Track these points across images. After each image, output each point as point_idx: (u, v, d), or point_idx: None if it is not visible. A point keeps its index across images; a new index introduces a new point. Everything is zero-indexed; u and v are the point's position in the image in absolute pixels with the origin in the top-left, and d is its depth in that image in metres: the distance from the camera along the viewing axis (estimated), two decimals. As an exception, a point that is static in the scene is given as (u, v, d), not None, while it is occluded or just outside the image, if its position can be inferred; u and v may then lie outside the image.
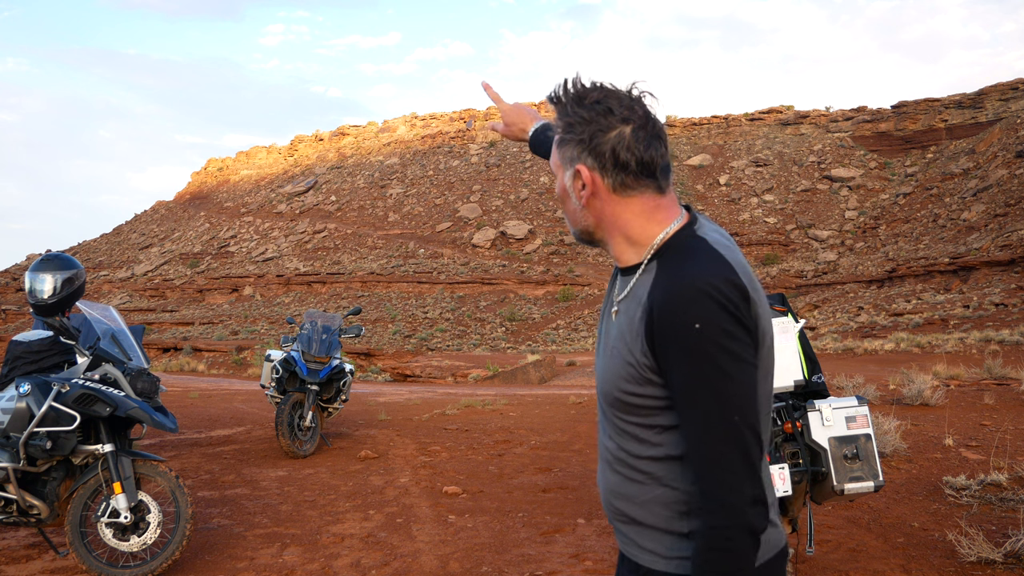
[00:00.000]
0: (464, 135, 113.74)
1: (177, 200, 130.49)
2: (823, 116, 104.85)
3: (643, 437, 1.40)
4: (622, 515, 1.48)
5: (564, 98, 1.42)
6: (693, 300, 1.28)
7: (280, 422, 7.21)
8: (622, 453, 1.44)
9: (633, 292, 1.40)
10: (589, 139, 1.39)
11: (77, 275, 4.33)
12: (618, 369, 1.39)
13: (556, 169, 1.47)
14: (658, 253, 1.40)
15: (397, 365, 24.35)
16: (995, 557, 3.89)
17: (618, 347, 1.39)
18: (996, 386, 10.88)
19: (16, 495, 3.93)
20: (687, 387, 1.29)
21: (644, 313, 1.34)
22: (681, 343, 1.28)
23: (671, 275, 1.33)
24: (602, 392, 1.46)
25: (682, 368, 1.29)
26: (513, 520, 5.22)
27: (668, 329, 1.29)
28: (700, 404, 1.28)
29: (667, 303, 1.30)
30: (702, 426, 1.29)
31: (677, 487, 1.39)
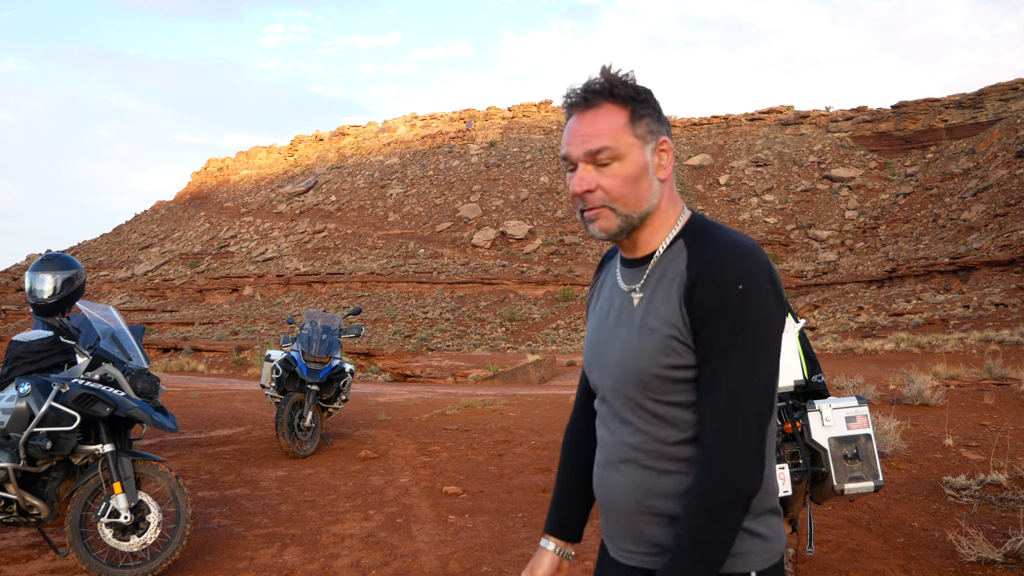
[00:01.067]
0: (464, 135, 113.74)
1: (177, 200, 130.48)
2: (823, 116, 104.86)
3: (680, 418, 1.38)
4: (657, 514, 1.40)
5: (618, 76, 1.41)
6: (735, 263, 1.33)
7: (280, 422, 7.21)
8: (655, 443, 1.40)
9: (659, 272, 1.42)
10: (659, 113, 1.43)
11: (77, 275, 4.33)
12: (657, 345, 1.37)
13: (629, 147, 1.39)
14: (681, 234, 1.44)
15: (397, 365, 24.35)
16: (995, 557, 3.89)
17: (653, 324, 1.38)
18: (996, 386, 10.88)
19: (16, 495, 3.93)
20: (717, 343, 1.32)
21: (684, 283, 1.36)
22: (719, 303, 1.31)
23: (709, 245, 1.37)
24: (632, 377, 1.41)
25: (715, 326, 1.32)
26: (513, 520, 5.22)
27: (710, 291, 1.32)
28: (727, 360, 1.31)
29: (711, 267, 1.33)
30: (725, 381, 1.31)
31: None
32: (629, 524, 1.45)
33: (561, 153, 1.45)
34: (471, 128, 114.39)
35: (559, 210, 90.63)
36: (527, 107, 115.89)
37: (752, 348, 1.32)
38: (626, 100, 1.40)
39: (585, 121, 1.41)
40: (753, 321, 1.32)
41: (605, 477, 1.49)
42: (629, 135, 1.40)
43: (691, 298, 1.34)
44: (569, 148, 1.43)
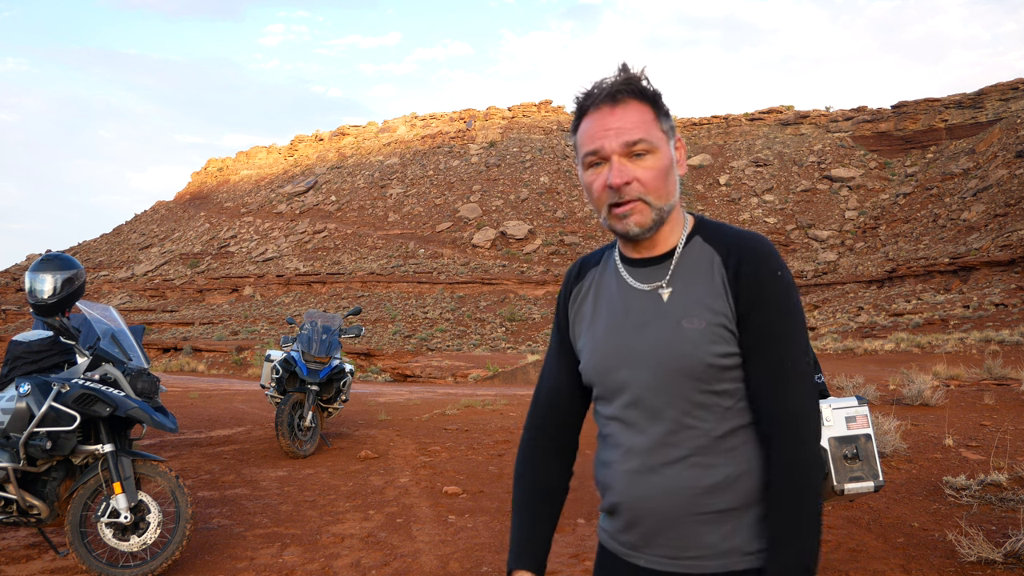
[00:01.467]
0: (464, 135, 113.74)
1: (177, 200, 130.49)
2: (823, 116, 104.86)
3: (729, 406, 1.41)
4: (707, 512, 1.39)
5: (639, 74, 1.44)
6: (768, 253, 1.42)
7: (280, 422, 7.21)
8: (707, 437, 1.40)
9: (687, 266, 1.45)
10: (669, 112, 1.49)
11: (77, 275, 4.33)
12: (706, 335, 1.39)
13: (660, 141, 1.43)
14: (696, 230, 1.49)
15: (397, 365, 24.35)
16: (995, 557, 3.88)
17: (699, 315, 1.40)
18: (996, 386, 10.88)
19: (16, 495, 3.93)
20: (768, 328, 1.39)
21: (724, 273, 1.41)
22: (766, 290, 1.39)
23: (735, 239, 1.45)
24: (679, 370, 1.39)
25: (766, 312, 1.39)
26: (513, 520, 5.21)
27: (756, 279, 1.40)
28: (785, 344, 1.39)
29: (751, 257, 1.41)
30: (780, 364, 1.39)
31: (759, 455, 1.41)
32: (675, 528, 1.41)
33: (588, 149, 1.43)
34: (471, 128, 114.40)
35: (559, 210, 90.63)
36: (527, 107, 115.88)
37: (800, 332, 1.42)
38: (650, 97, 1.44)
39: (616, 116, 1.41)
40: (793, 307, 1.42)
41: (639, 483, 1.43)
42: (658, 129, 1.43)
43: (736, 286, 1.40)
44: (602, 142, 1.41)
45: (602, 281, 1.56)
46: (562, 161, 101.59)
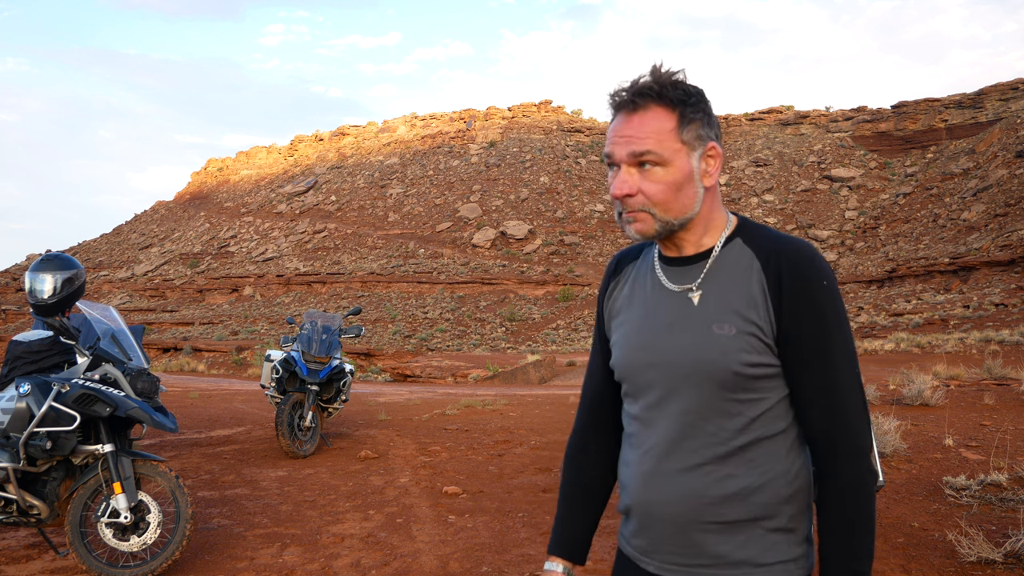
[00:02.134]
0: (464, 135, 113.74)
1: (177, 200, 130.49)
2: (823, 116, 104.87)
3: (753, 416, 1.37)
4: (718, 522, 1.37)
5: (668, 76, 1.37)
6: (812, 261, 1.36)
7: (280, 422, 7.21)
8: (726, 446, 1.37)
9: (721, 270, 1.40)
10: (710, 116, 1.40)
11: (77, 275, 4.33)
12: (735, 343, 1.35)
13: (675, 153, 1.36)
14: (737, 232, 1.44)
15: (397, 365, 24.36)
16: (995, 557, 3.88)
17: (729, 321, 1.36)
18: (996, 386, 10.88)
19: (16, 495, 3.93)
20: (819, 341, 1.34)
21: (764, 280, 1.36)
22: (813, 299, 1.34)
23: (778, 245, 1.38)
24: (705, 377, 1.36)
25: (813, 323, 1.34)
26: (513, 520, 5.22)
27: (801, 288, 1.34)
28: (835, 356, 1.35)
29: (796, 265, 1.35)
30: (834, 377, 1.35)
31: (786, 467, 1.38)
32: (684, 536, 1.39)
33: (604, 152, 1.41)
34: (471, 128, 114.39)
35: (559, 210, 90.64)
36: (527, 107, 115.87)
37: (848, 343, 1.37)
38: (675, 103, 1.36)
39: (632, 122, 1.37)
40: (842, 316, 1.36)
41: (653, 486, 1.42)
42: (676, 140, 1.36)
43: (779, 295, 1.35)
44: (613, 147, 1.38)
45: (639, 277, 1.53)
46: (562, 161, 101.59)
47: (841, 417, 1.35)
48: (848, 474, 1.34)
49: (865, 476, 1.35)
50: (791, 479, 1.38)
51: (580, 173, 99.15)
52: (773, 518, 1.37)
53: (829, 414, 1.35)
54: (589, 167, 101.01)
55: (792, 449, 1.40)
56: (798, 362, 1.35)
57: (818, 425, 1.36)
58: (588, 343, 52.01)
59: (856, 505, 1.34)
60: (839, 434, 1.35)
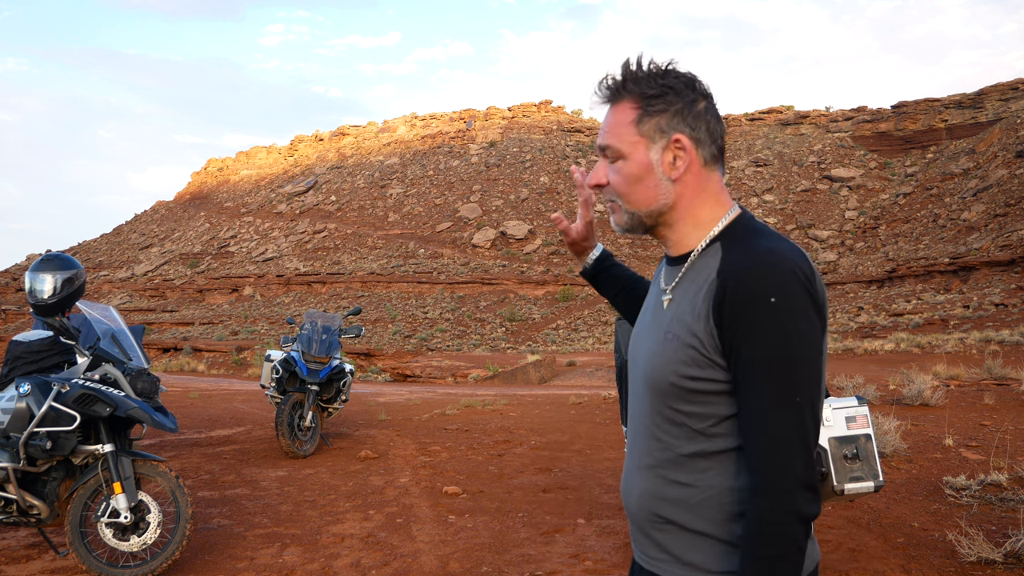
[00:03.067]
0: (464, 135, 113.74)
1: (177, 200, 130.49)
2: (823, 116, 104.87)
3: (699, 429, 1.33)
4: (666, 522, 1.37)
5: (644, 69, 1.37)
6: (769, 273, 1.25)
7: (280, 422, 7.21)
8: (671, 452, 1.36)
9: (691, 275, 1.37)
10: (686, 109, 1.36)
11: (77, 275, 4.33)
12: (677, 353, 1.32)
13: (631, 146, 1.36)
14: (720, 236, 1.37)
15: (397, 365, 24.36)
16: (995, 557, 3.89)
17: (675, 331, 1.33)
18: (996, 386, 10.88)
19: (16, 495, 3.93)
20: (753, 361, 1.25)
21: (712, 291, 1.29)
22: (754, 316, 1.24)
23: (744, 251, 1.30)
24: (651, 383, 1.37)
25: (751, 342, 1.25)
26: (513, 520, 5.22)
27: (741, 302, 1.25)
28: (765, 380, 1.25)
29: (742, 276, 1.26)
30: (764, 403, 1.25)
31: (732, 484, 1.32)
32: (644, 529, 1.43)
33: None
34: (471, 128, 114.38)
35: (559, 210, 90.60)
36: (527, 107, 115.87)
37: (790, 366, 1.24)
38: (637, 96, 1.36)
39: (606, 116, 1.41)
40: (790, 336, 1.24)
41: (627, 478, 1.48)
42: (633, 133, 1.36)
43: (720, 309, 1.27)
44: (597, 140, 1.43)
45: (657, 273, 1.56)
46: (562, 161, 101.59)
47: (762, 447, 1.24)
48: (758, 510, 1.24)
49: (777, 515, 1.22)
50: (740, 499, 1.31)
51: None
52: (721, 531, 1.33)
53: (751, 442, 1.26)
54: (589, 167, 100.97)
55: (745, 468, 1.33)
56: (735, 381, 1.28)
57: (746, 452, 1.28)
58: (588, 343, 52.01)
59: (764, 546, 1.23)
60: (757, 465, 1.25)
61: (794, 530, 1.23)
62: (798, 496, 1.23)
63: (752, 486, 1.26)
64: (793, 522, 1.23)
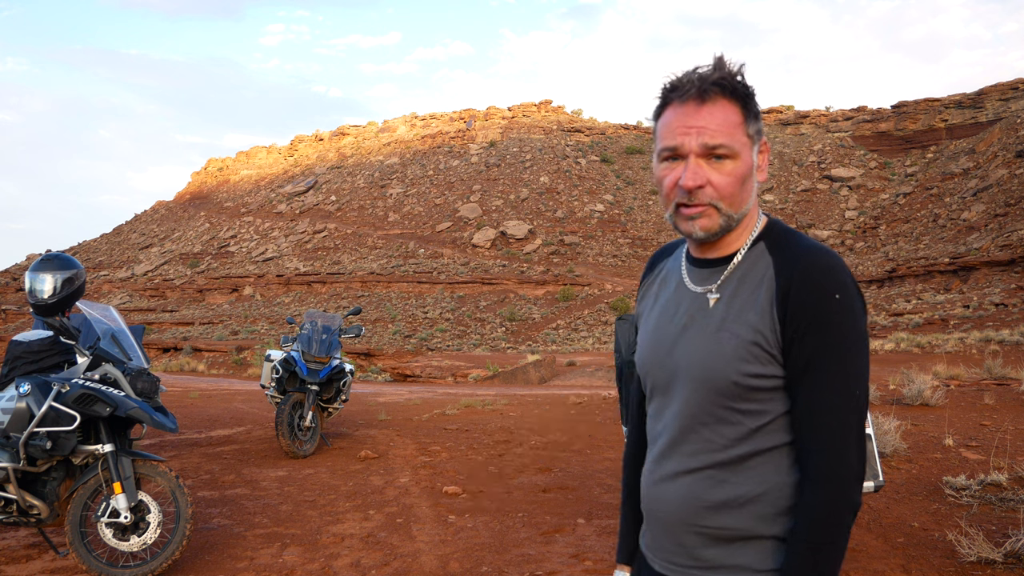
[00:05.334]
0: (464, 135, 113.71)
1: (177, 200, 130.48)
2: (823, 116, 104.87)
3: (755, 427, 1.34)
4: (710, 527, 1.36)
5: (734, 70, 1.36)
6: (829, 272, 1.30)
7: (280, 422, 7.21)
8: (725, 453, 1.35)
9: (740, 275, 1.38)
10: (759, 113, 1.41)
11: (77, 275, 4.33)
12: (739, 351, 1.33)
13: (742, 147, 1.35)
14: (762, 236, 1.40)
15: (397, 365, 24.36)
16: (995, 557, 3.89)
17: (734, 329, 1.34)
18: (996, 386, 10.88)
19: (16, 495, 3.93)
20: (818, 356, 1.29)
21: (773, 288, 1.33)
22: (819, 313, 1.29)
23: (798, 251, 1.34)
24: (706, 382, 1.35)
25: (815, 337, 1.29)
26: (513, 520, 5.22)
27: (807, 300, 1.29)
28: (828, 374, 1.29)
29: (806, 276, 1.31)
30: (828, 396, 1.29)
31: (784, 480, 1.35)
32: (677, 537, 1.40)
33: (666, 144, 1.36)
34: (471, 128, 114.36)
35: (559, 210, 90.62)
36: (527, 107, 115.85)
37: (852, 360, 1.30)
38: (741, 97, 1.36)
39: (702, 114, 1.34)
40: (851, 332, 1.30)
41: (658, 486, 1.44)
42: (743, 134, 1.36)
43: (785, 305, 1.31)
44: (682, 139, 1.34)
45: (668, 275, 1.53)
46: (562, 161, 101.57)
47: (825, 438, 1.29)
48: (819, 499, 1.28)
49: (837, 506, 1.27)
50: (793, 492, 1.34)
51: (580, 173, 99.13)
52: (771, 527, 1.34)
53: (812, 433, 1.30)
54: (589, 167, 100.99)
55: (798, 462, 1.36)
56: (794, 375, 1.32)
57: (801, 443, 1.32)
58: (588, 343, 52.01)
59: (820, 534, 1.27)
60: (819, 456, 1.29)
61: (849, 520, 1.29)
62: (855, 487, 1.29)
63: (812, 478, 1.30)
64: (849, 512, 1.28)
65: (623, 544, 1.66)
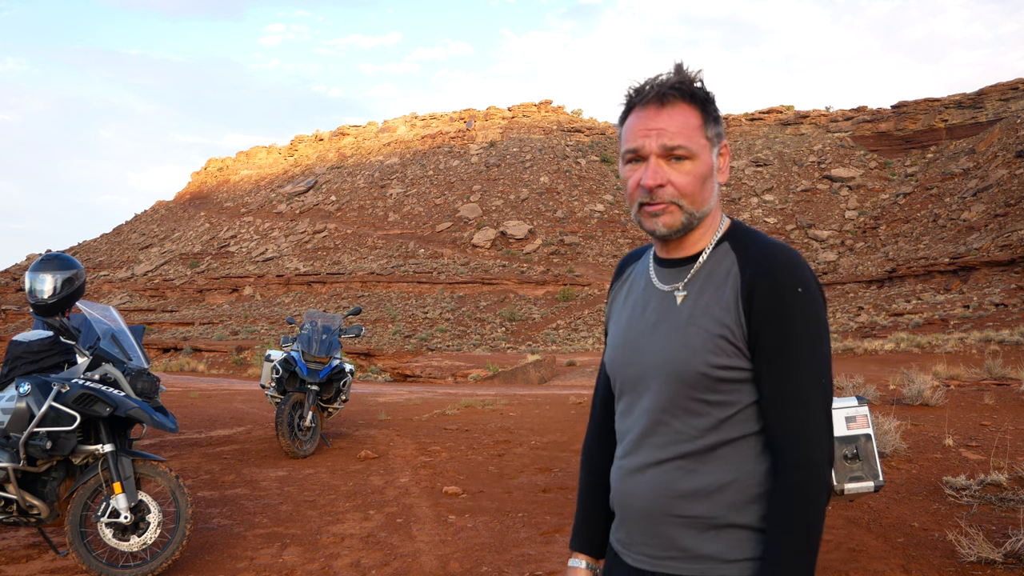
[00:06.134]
0: (464, 135, 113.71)
1: (177, 200, 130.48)
2: (823, 116, 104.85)
3: (723, 417, 1.40)
4: (681, 517, 1.41)
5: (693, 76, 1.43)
6: (791, 267, 1.38)
7: (280, 422, 7.21)
8: (694, 444, 1.41)
9: (705, 273, 1.44)
10: (719, 117, 1.48)
11: (77, 275, 4.33)
12: (706, 344, 1.39)
13: (701, 148, 1.42)
14: (726, 236, 1.48)
15: (397, 365, 24.37)
16: (995, 557, 3.88)
17: (702, 323, 1.40)
18: (996, 386, 10.88)
19: (16, 495, 3.93)
20: (784, 347, 1.36)
21: (738, 284, 1.40)
22: (783, 306, 1.36)
23: (759, 248, 1.42)
24: (675, 375, 1.41)
25: (781, 329, 1.36)
26: (513, 520, 5.22)
27: (771, 293, 1.37)
28: (796, 364, 1.36)
29: (770, 270, 1.38)
30: (797, 384, 1.36)
31: (753, 467, 1.40)
32: (653, 528, 1.44)
33: (629, 146, 1.43)
34: (471, 128, 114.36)
35: (559, 210, 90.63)
36: (527, 107, 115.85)
37: (816, 349, 1.37)
38: (700, 101, 1.43)
39: (661, 117, 1.41)
40: (814, 323, 1.37)
41: (628, 479, 1.48)
42: (702, 136, 1.42)
43: (750, 300, 1.38)
44: (642, 141, 1.41)
45: (636, 277, 1.59)
46: (562, 161, 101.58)
47: (795, 425, 1.35)
48: (795, 483, 1.34)
49: (813, 488, 1.34)
50: (762, 479, 1.39)
51: (580, 173, 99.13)
52: (741, 516, 1.39)
53: (783, 421, 1.36)
54: (589, 167, 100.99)
55: (766, 450, 1.41)
56: (762, 366, 1.38)
57: (772, 431, 1.38)
58: (588, 343, 52.07)
59: (796, 518, 1.33)
60: (791, 442, 1.35)
61: (824, 500, 1.35)
62: (827, 469, 1.37)
63: (786, 462, 1.36)
64: (824, 492, 1.35)
65: (581, 532, 1.68)
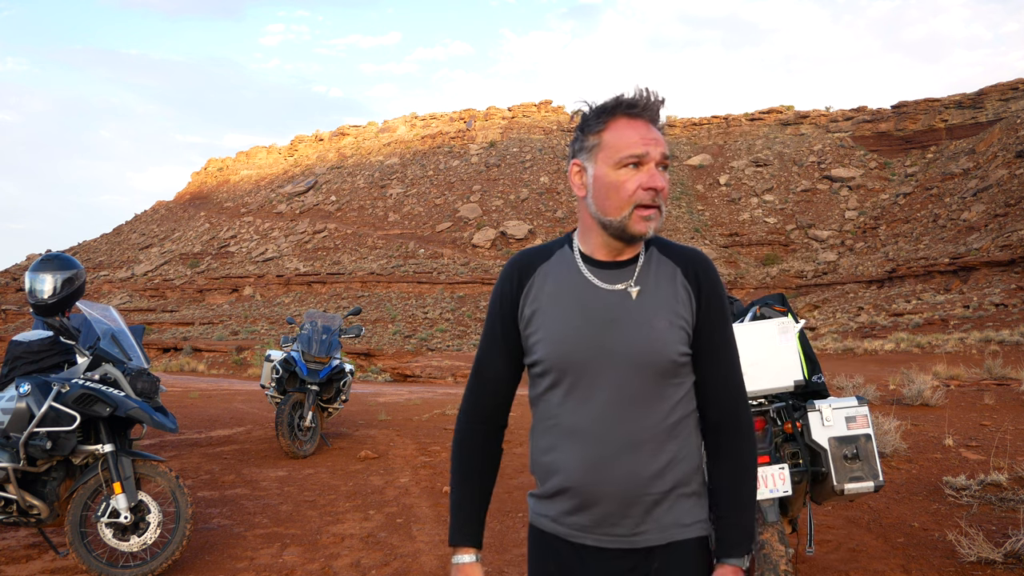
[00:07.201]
0: (464, 135, 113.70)
1: (177, 200, 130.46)
2: (823, 116, 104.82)
3: (679, 398, 1.60)
4: (653, 494, 1.56)
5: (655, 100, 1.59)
6: (711, 265, 1.66)
7: (280, 422, 7.21)
8: (663, 424, 1.57)
9: (649, 271, 1.62)
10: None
11: (77, 275, 4.33)
12: (674, 334, 1.58)
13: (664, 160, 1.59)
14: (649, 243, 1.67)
15: (397, 365, 24.36)
16: (995, 557, 3.89)
17: (665, 315, 1.59)
18: (996, 386, 10.88)
19: (16, 495, 3.93)
20: (719, 332, 1.62)
21: (683, 280, 1.62)
22: (716, 297, 1.63)
23: (685, 251, 1.66)
24: (648, 364, 1.56)
25: (715, 317, 1.62)
26: (513, 520, 5.22)
27: (709, 287, 1.62)
28: (728, 347, 1.64)
29: (701, 268, 1.63)
30: (732, 362, 1.64)
31: (695, 440, 1.63)
32: (625, 510, 1.55)
33: (633, 152, 1.55)
34: (471, 128, 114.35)
35: (559, 210, 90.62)
36: (527, 107, 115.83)
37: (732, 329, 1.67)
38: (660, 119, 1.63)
39: (653, 130, 1.59)
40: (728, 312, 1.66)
41: (599, 469, 1.55)
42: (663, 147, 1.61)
43: (698, 293, 1.61)
44: (647, 149, 1.56)
45: (559, 277, 1.64)
46: (562, 161, 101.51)
47: (740, 401, 1.63)
48: (741, 447, 1.61)
49: (755, 447, 1.64)
50: (699, 451, 1.63)
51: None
52: (690, 484, 1.60)
53: (732, 398, 1.62)
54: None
55: (698, 426, 1.64)
56: (708, 351, 1.61)
57: (725, 407, 1.62)
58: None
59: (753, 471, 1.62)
60: (741, 415, 1.62)
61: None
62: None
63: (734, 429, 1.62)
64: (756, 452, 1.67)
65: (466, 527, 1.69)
